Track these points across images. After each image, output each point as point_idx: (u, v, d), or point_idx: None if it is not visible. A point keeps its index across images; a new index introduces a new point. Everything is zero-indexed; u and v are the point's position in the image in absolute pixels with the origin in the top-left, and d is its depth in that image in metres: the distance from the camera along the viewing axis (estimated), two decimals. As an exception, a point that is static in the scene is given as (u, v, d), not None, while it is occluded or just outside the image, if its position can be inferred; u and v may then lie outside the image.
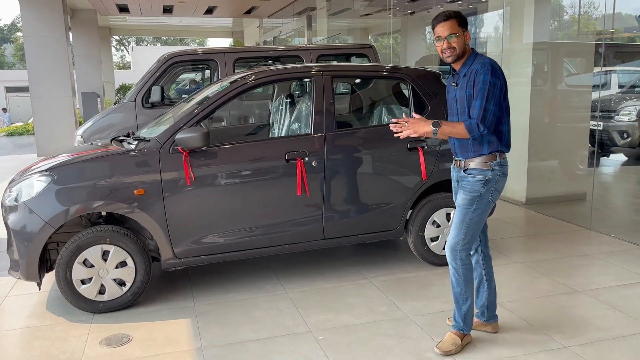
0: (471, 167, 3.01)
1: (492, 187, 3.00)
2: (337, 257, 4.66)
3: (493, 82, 2.86)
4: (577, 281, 4.07)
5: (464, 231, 3.01)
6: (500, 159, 3.00)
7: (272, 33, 20.99)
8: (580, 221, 5.62)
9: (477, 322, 3.29)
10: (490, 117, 2.87)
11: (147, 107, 6.28)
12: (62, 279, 3.54)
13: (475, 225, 3.02)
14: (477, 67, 2.90)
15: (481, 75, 2.86)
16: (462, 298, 3.06)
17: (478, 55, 2.98)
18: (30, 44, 11.47)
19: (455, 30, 2.90)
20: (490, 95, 2.85)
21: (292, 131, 4.50)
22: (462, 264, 3.04)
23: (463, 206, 3.02)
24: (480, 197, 2.99)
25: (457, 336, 3.10)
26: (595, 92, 6.68)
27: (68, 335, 3.37)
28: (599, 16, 7.26)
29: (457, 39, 2.90)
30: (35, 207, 3.51)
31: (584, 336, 3.22)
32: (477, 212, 3.00)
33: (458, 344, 3.07)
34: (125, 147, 3.81)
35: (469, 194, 3.01)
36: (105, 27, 23.44)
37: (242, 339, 3.28)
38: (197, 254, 3.81)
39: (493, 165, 2.98)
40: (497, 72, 2.90)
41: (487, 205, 3.03)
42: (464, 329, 3.10)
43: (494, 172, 2.99)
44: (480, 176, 2.99)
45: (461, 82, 2.98)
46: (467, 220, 3.00)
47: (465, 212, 3.01)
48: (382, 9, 13.00)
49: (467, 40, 2.95)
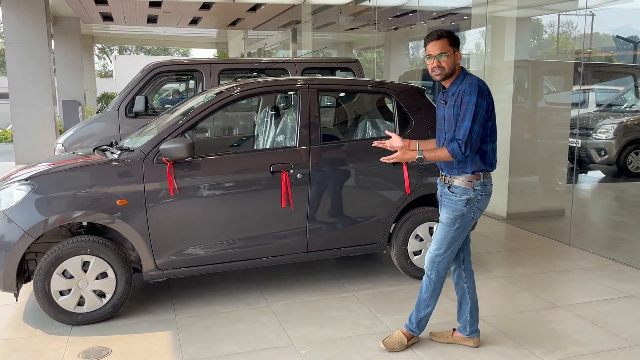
0: (454, 185, 3.05)
1: (474, 206, 3.05)
2: (321, 270, 4.65)
3: (479, 104, 2.90)
4: (557, 296, 4.12)
5: (445, 247, 3.10)
6: (484, 179, 3.04)
7: (256, 45, 21.05)
8: (560, 236, 5.70)
9: (459, 337, 3.33)
10: (474, 138, 2.92)
11: (131, 116, 6.23)
12: (40, 289, 3.47)
13: (456, 242, 3.10)
14: (465, 87, 2.95)
15: (468, 96, 2.91)
16: (424, 304, 3.21)
17: (468, 75, 3.02)
18: (11, 51, 11.32)
19: (446, 50, 2.95)
20: (477, 116, 2.90)
21: (277, 143, 4.50)
22: (437, 275, 3.15)
23: (445, 224, 3.09)
24: (463, 216, 3.05)
25: (405, 336, 3.26)
26: (574, 109, 6.83)
27: (45, 348, 3.30)
28: (577, 36, 7.45)
29: (447, 59, 2.96)
30: (14, 217, 3.45)
31: (563, 351, 3.26)
32: (459, 230, 3.08)
33: (403, 344, 3.24)
34: (108, 157, 3.77)
35: (451, 213, 3.06)
36: (88, 35, 23.26)
37: (225, 352, 3.24)
38: (179, 266, 3.77)
39: (476, 185, 3.02)
40: (483, 93, 2.95)
41: (468, 222, 3.09)
42: (415, 332, 3.27)
43: (477, 192, 3.03)
44: (462, 195, 3.03)
45: (449, 101, 3.03)
46: (449, 237, 3.08)
47: (448, 230, 3.08)
48: (366, 23, 13.15)
49: (458, 59, 3.00)
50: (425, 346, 3.30)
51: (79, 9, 15.16)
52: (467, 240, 3.24)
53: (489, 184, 3.08)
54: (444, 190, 3.11)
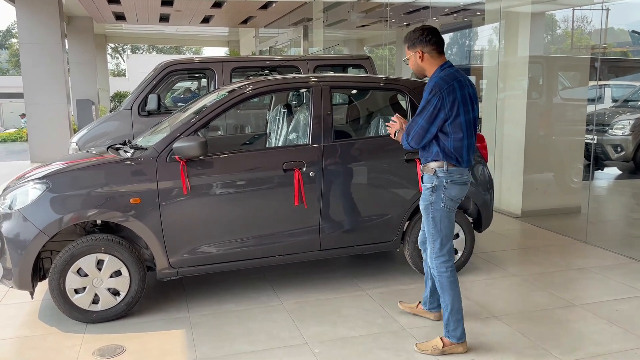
0: (424, 173, 3.16)
1: (441, 194, 3.07)
2: (333, 269, 4.63)
3: (429, 100, 3.00)
4: (574, 295, 4.06)
5: (431, 240, 3.15)
6: (447, 167, 3.06)
7: (268, 43, 21.05)
8: (576, 234, 5.63)
9: (421, 309, 3.61)
10: (416, 130, 3.03)
11: (144, 115, 6.26)
12: (56, 288, 3.49)
13: (438, 232, 3.11)
14: (428, 82, 3.10)
15: (424, 92, 3.06)
16: (444, 304, 3.16)
17: (442, 71, 3.07)
18: (26, 51, 11.44)
19: (406, 54, 3.19)
20: (423, 111, 3.01)
21: (289, 141, 4.49)
22: (437, 272, 3.15)
23: (424, 215, 3.18)
24: (432, 205, 3.10)
25: (441, 341, 3.19)
26: (590, 105, 6.73)
27: (60, 346, 3.32)
28: (591, 30, 7.34)
29: (410, 61, 3.18)
30: (29, 215, 3.47)
31: (581, 351, 3.21)
32: (437, 220, 3.10)
33: (438, 349, 3.16)
34: (121, 155, 3.78)
35: (423, 202, 3.17)
36: (101, 34, 23.44)
37: (237, 350, 3.24)
38: (193, 264, 3.78)
39: (438, 172, 3.07)
40: (435, 90, 2.99)
41: (442, 212, 3.09)
42: (448, 337, 3.18)
43: (440, 179, 3.06)
44: (428, 183, 3.12)
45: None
46: (431, 229, 3.13)
47: (427, 222, 3.15)
48: (378, 20, 13.09)
49: (419, 59, 3.12)
50: (440, 345, 3.26)
51: (92, 9, 15.27)
52: None
53: (455, 174, 3.08)
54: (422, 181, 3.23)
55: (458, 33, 12.62)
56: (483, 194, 4.44)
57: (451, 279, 3.12)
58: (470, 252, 4.42)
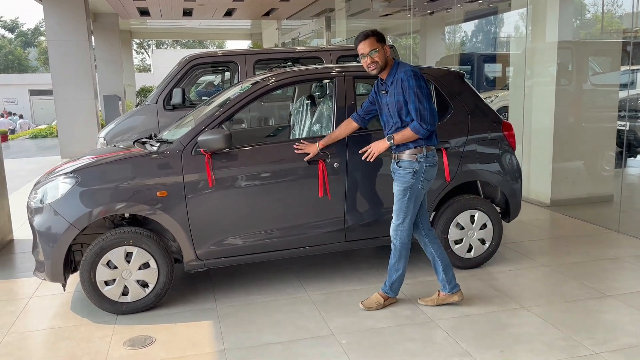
0: (402, 159, 3.44)
1: (420, 176, 3.42)
2: (359, 260, 4.62)
3: (418, 84, 3.30)
4: (606, 285, 3.97)
5: (402, 216, 3.48)
6: (427, 152, 3.41)
7: (290, 35, 21.01)
8: (608, 223, 5.49)
9: (444, 296, 3.65)
10: (427, 114, 3.29)
11: (169, 109, 6.32)
12: (87, 280, 3.56)
13: (411, 211, 3.47)
14: (401, 75, 3.34)
15: (406, 81, 3.30)
16: (394, 269, 3.59)
17: (400, 64, 3.42)
18: (54, 48, 11.65)
19: (375, 46, 3.35)
20: (421, 96, 3.29)
21: (313, 132, 4.47)
22: (400, 242, 3.53)
23: (398, 195, 3.48)
24: (412, 187, 3.43)
25: (381, 297, 3.65)
26: (622, 91, 6.53)
27: (92, 336, 3.39)
28: (622, 14, 7.10)
29: (378, 54, 3.36)
30: (60, 209, 3.54)
31: (615, 342, 3.14)
32: (411, 199, 3.45)
33: (380, 304, 3.62)
34: (147, 149, 3.83)
35: (401, 185, 3.45)
36: (126, 30, 23.73)
37: (265, 341, 3.26)
38: (219, 256, 3.81)
39: (419, 158, 3.39)
40: (418, 75, 3.33)
41: (419, 192, 3.46)
42: (389, 293, 3.66)
43: (421, 164, 3.40)
44: (409, 168, 3.41)
45: (390, 89, 3.41)
46: (404, 207, 3.46)
47: (401, 201, 3.47)
48: (401, 9, 12.93)
49: (387, 53, 3.40)
50: (472, 336, 3.23)
51: (117, 5, 15.46)
52: (423, 211, 3.61)
53: (432, 156, 3.45)
54: (394, 166, 3.50)
55: (483, 20, 12.38)
56: (511, 183, 4.36)
57: (408, 249, 3.57)
58: (498, 242, 4.35)
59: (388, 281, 3.65)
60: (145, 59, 51.33)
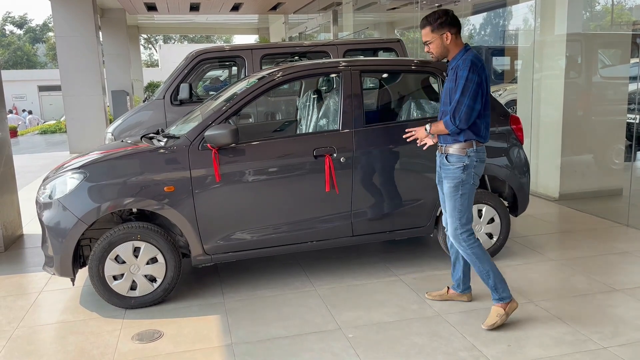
0: (450, 153, 3.25)
1: (471, 172, 3.24)
2: (366, 254, 4.62)
3: (471, 78, 3.07)
4: (615, 279, 3.94)
5: (458, 216, 3.26)
6: (476, 147, 3.22)
7: (297, 29, 20.96)
8: (617, 217, 5.45)
9: (454, 293, 3.60)
10: (463, 110, 3.08)
11: (176, 104, 6.33)
12: (95, 274, 3.59)
13: (466, 208, 3.26)
14: (459, 62, 3.14)
15: (461, 70, 3.10)
16: (483, 274, 3.28)
17: (467, 51, 3.18)
18: (62, 44, 11.71)
19: (428, 38, 3.20)
20: (466, 90, 3.07)
21: (320, 127, 4.47)
22: (467, 245, 3.26)
23: (450, 194, 3.27)
24: (463, 183, 3.24)
25: (499, 307, 3.28)
26: (632, 84, 6.46)
27: (101, 331, 3.42)
28: (632, 6, 7.02)
29: (433, 44, 3.20)
30: (68, 204, 3.57)
31: (623, 336, 3.12)
32: (465, 196, 3.25)
33: (502, 314, 3.25)
34: (155, 145, 3.84)
35: (452, 182, 3.25)
36: (133, 25, 23.77)
37: (272, 335, 3.27)
38: (227, 251, 3.82)
39: (469, 152, 3.21)
40: (476, 68, 3.09)
41: (471, 188, 3.27)
42: (503, 299, 3.27)
43: (471, 158, 3.22)
44: (458, 163, 3.22)
45: (449, 75, 3.23)
46: (458, 205, 3.25)
47: (455, 199, 3.25)
48: (408, 2, 12.84)
49: (448, 40, 3.17)
50: (479, 330, 3.22)
51: (124, 1, 15.49)
52: None
53: (482, 152, 3.27)
54: (442, 160, 3.30)
55: (492, 13, 12.28)
56: (519, 177, 4.34)
57: (481, 246, 3.29)
58: (506, 236, 4.33)
59: (491, 290, 3.29)
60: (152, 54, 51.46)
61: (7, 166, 5.48)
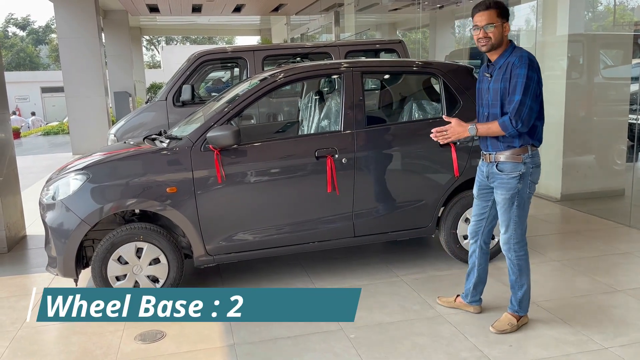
0: (502, 161, 2.99)
1: (527, 180, 3.00)
2: (368, 255, 4.63)
3: (530, 76, 2.84)
4: (617, 280, 3.95)
5: (512, 227, 3.06)
6: (531, 152, 2.99)
7: (299, 30, 20.99)
8: (619, 218, 5.45)
9: (461, 303, 3.49)
10: (525, 111, 2.85)
11: (178, 105, 6.35)
12: (98, 275, 3.61)
13: (520, 219, 3.05)
14: (514, 59, 2.89)
15: (518, 68, 2.84)
16: (518, 285, 3.18)
17: (516, 48, 2.95)
18: (65, 45, 11.74)
19: (494, 21, 2.89)
20: (528, 89, 2.84)
21: (321, 128, 4.48)
22: (516, 255, 3.11)
23: (504, 205, 3.05)
24: (519, 193, 3.00)
25: (512, 317, 3.22)
26: (634, 84, 6.46)
27: (104, 331, 3.43)
28: (634, 6, 7.02)
29: (495, 30, 2.90)
30: (71, 205, 3.58)
31: (625, 337, 3.12)
32: (520, 207, 3.03)
33: (514, 324, 3.19)
34: (157, 146, 3.86)
35: (507, 193, 3.01)
36: (136, 27, 23.83)
37: (274, 336, 3.28)
38: (229, 251, 3.83)
39: (525, 158, 2.96)
40: (534, 66, 2.89)
41: (527, 198, 3.05)
42: (519, 312, 3.22)
43: (527, 165, 2.97)
44: (514, 172, 2.97)
45: (496, 74, 2.97)
46: (514, 217, 3.04)
47: (509, 210, 3.04)
48: (410, 3, 12.85)
49: (506, 31, 2.94)
50: (481, 331, 3.23)
51: (126, 2, 15.53)
52: (493, 222, 3.25)
53: (537, 155, 3.03)
54: (492, 170, 3.05)
55: (493, 13, 12.27)
56: (520, 178, 4.33)
57: (528, 259, 3.17)
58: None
59: (514, 299, 3.21)
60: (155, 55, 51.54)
61: (10, 167, 5.50)
